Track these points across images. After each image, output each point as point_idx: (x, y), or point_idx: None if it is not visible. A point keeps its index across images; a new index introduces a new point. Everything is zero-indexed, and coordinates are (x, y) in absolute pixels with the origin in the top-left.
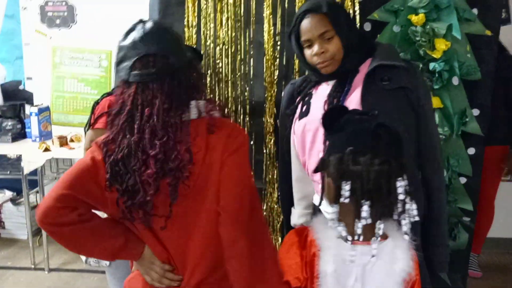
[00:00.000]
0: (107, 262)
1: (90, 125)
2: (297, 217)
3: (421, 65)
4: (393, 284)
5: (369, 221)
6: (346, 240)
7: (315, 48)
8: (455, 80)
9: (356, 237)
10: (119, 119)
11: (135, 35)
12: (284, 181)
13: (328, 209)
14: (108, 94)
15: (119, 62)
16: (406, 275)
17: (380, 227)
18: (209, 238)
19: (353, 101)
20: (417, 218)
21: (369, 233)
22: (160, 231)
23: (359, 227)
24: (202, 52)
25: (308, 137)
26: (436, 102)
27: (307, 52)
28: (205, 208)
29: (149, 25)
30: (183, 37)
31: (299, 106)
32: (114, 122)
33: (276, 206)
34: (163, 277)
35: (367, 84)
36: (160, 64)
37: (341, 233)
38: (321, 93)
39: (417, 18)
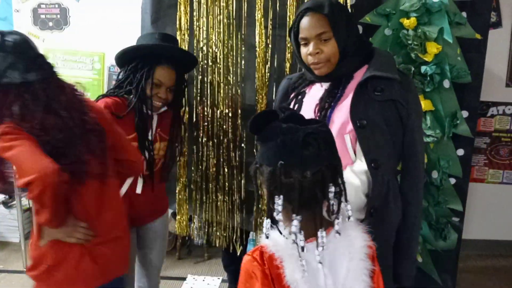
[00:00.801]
0: None
1: None
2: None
3: (412, 68)
4: (359, 262)
5: (300, 236)
6: (298, 245)
7: (310, 47)
8: (446, 83)
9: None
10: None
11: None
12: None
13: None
14: (104, 95)
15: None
16: (367, 249)
17: (322, 235)
18: None
19: (344, 107)
20: (352, 219)
21: (312, 231)
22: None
23: (293, 238)
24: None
25: None
26: (427, 104)
27: (303, 51)
28: None
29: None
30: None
31: (292, 103)
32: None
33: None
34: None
35: (358, 93)
36: None
37: (290, 234)
38: (314, 95)
39: (409, 22)
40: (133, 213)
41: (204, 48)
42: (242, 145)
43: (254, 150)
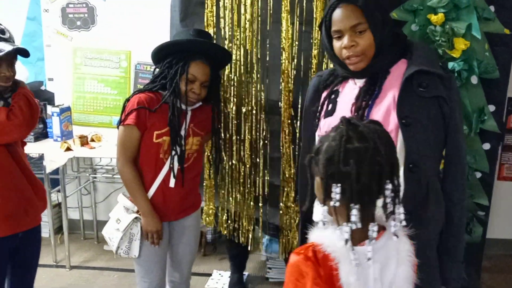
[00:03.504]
0: (136, 254)
1: (121, 121)
2: (321, 213)
3: (440, 65)
4: (406, 268)
5: (359, 225)
6: (346, 243)
7: (345, 40)
8: (474, 79)
9: (349, 242)
10: None
11: None
12: (304, 177)
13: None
14: (139, 91)
15: None
16: (413, 258)
17: (373, 229)
18: None
19: (383, 105)
20: (403, 223)
21: (362, 234)
22: None
23: (346, 231)
24: None
25: None
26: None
27: (336, 44)
28: None
29: None
30: None
31: (325, 103)
32: None
33: (293, 205)
34: None
35: (404, 88)
36: None
37: (343, 235)
38: (348, 93)
39: (437, 18)
40: (165, 208)
41: (230, 45)
42: (266, 141)
43: (279, 146)
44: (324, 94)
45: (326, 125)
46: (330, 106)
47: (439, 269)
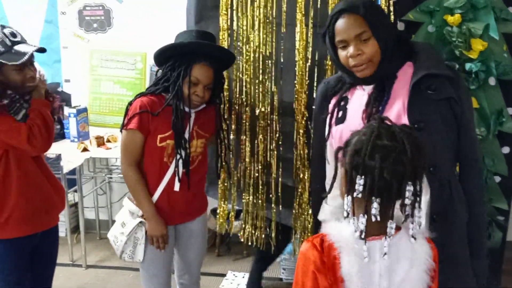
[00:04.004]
0: (141, 258)
1: (123, 125)
2: (328, 213)
3: (457, 66)
4: (419, 272)
5: (378, 218)
6: (360, 235)
7: (351, 49)
8: (492, 81)
9: (363, 234)
10: None
11: None
12: (318, 182)
13: (335, 202)
14: (141, 94)
15: None
16: (430, 263)
17: (392, 226)
18: None
19: (394, 111)
20: (422, 226)
21: (379, 230)
22: None
23: (363, 222)
24: (235, 53)
25: None
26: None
27: (342, 54)
28: None
29: None
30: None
31: (335, 110)
32: None
33: (307, 207)
34: None
35: (413, 93)
36: None
37: (358, 227)
38: (358, 100)
39: (453, 19)
40: (170, 211)
41: (245, 47)
42: (280, 142)
43: (292, 147)
44: (333, 101)
45: (338, 132)
46: (340, 113)
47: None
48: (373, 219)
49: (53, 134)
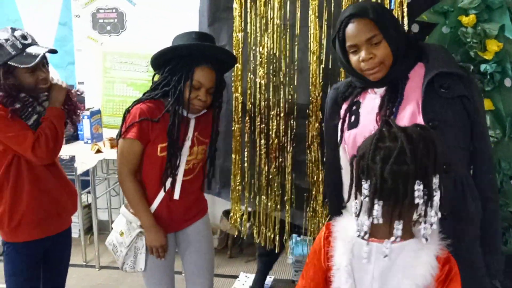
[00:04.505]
0: (142, 267)
1: (121, 133)
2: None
3: (472, 67)
4: (410, 286)
5: (380, 220)
6: (362, 236)
7: (363, 54)
8: (507, 82)
9: (366, 235)
10: None
11: None
12: (332, 189)
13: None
14: (139, 101)
15: None
16: (428, 281)
17: (398, 227)
18: None
19: (408, 112)
20: (434, 227)
21: (387, 232)
22: None
23: (366, 224)
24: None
25: None
26: (487, 104)
27: (353, 58)
28: None
29: None
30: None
31: (347, 115)
32: None
33: (321, 209)
34: None
35: (426, 92)
36: None
37: (361, 229)
38: (370, 103)
39: (468, 19)
40: (170, 220)
41: (258, 49)
42: (294, 144)
43: (306, 149)
44: (344, 106)
45: (351, 137)
46: (352, 118)
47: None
48: (375, 221)
49: (60, 146)
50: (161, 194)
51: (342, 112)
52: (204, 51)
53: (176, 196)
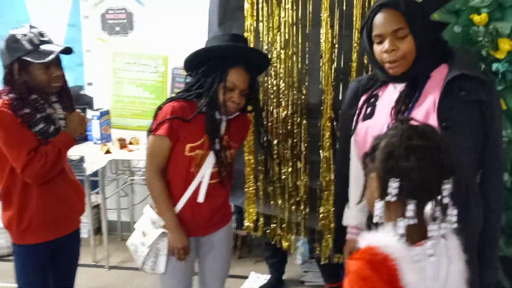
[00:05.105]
0: (162, 270)
1: (151, 130)
2: (351, 218)
3: (483, 66)
4: (457, 267)
5: (415, 221)
6: (404, 240)
7: (386, 44)
8: None
9: (403, 237)
10: None
11: None
12: (340, 180)
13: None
14: (172, 99)
15: None
16: (461, 252)
17: (433, 228)
18: None
19: (423, 109)
20: (455, 225)
21: (422, 232)
22: None
23: (402, 226)
24: None
25: (370, 141)
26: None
27: (377, 48)
28: None
29: None
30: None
31: (364, 106)
32: None
33: (332, 209)
34: None
35: (445, 91)
36: None
37: (399, 233)
38: (388, 97)
39: (480, 18)
40: (193, 223)
41: (269, 48)
42: (306, 144)
43: (319, 149)
44: (363, 98)
45: (363, 128)
46: (369, 109)
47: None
48: (411, 222)
49: (56, 171)
50: (186, 195)
51: (360, 103)
52: (239, 53)
53: (201, 199)
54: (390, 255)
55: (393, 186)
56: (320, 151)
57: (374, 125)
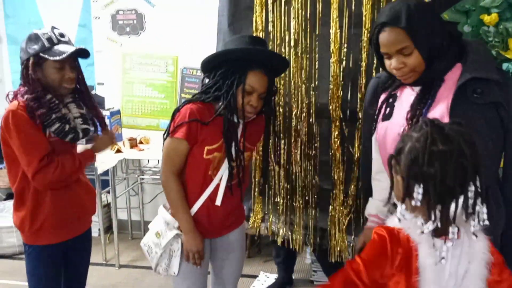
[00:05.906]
0: (176, 271)
1: (169, 132)
2: (374, 207)
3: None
4: (478, 266)
5: (439, 224)
6: (435, 235)
7: (393, 62)
8: None
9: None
10: None
11: None
12: (366, 177)
13: (381, 196)
14: (189, 101)
15: None
16: (487, 257)
17: (454, 231)
18: None
19: (437, 112)
20: (486, 222)
21: (442, 229)
22: None
23: (429, 228)
24: None
25: (388, 141)
26: None
27: (386, 63)
28: None
29: None
30: None
31: (383, 106)
32: None
33: (341, 208)
34: None
35: (458, 96)
36: None
37: (426, 228)
38: (405, 100)
39: (490, 18)
40: (208, 225)
41: (279, 49)
42: (316, 144)
43: (328, 149)
44: (382, 97)
45: (383, 128)
46: (387, 110)
47: None
48: (435, 226)
49: (66, 182)
50: (203, 198)
51: (379, 102)
52: (258, 56)
53: (218, 202)
54: (411, 237)
55: (418, 191)
56: (329, 151)
57: (392, 127)
